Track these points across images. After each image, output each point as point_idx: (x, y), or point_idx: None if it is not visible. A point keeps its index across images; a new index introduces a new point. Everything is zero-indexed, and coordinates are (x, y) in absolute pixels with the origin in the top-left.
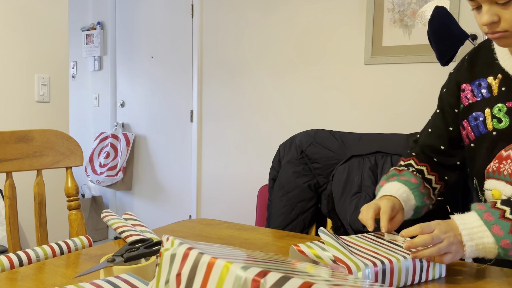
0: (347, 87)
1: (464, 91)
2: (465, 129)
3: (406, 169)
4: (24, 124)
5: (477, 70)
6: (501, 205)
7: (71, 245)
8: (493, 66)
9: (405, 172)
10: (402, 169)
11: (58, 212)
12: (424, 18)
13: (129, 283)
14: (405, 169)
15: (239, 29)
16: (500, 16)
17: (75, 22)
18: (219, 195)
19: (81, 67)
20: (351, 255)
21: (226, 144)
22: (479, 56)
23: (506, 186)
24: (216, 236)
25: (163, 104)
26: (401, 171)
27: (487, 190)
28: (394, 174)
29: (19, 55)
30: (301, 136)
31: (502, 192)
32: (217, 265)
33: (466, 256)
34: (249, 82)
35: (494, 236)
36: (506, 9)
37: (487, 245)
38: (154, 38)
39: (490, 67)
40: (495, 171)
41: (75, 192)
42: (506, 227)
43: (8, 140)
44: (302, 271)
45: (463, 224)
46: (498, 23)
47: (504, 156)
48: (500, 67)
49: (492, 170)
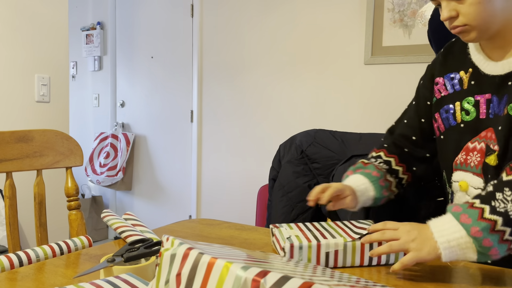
0: (347, 87)
1: (437, 84)
2: (436, 121)
3: (371, 163)
4: (24, 124)
5: (450, 63)
6: (480, 204)
7: (71, 245)
8: (465, 60)
9: (369, 165)
10: (367, 162)
11: (58, 212)
12: (424, 18)
13: (129, 283)
14: (370, 163)
15: (239, 29)
16: (458, 11)
17: (75, 22)
18: (219, 195)
19: (81, 67)
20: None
21: (226, 144)
22: (453, 50)
23: (473, 178)
24: (216, 236)
25: (163, 104)
26: (366, 164)
27: (455, 182)
28: (360, 167)
29: (19, 55)
30: (301, 136)
31: (469, 183)
32: (217, 265)
33: (444, 257)
34: (249, 82)
35: (463, 225)
36: (462, 4)
37: (461, 240)
38: (154, 38)
39: (462, 61)
40: (462, 163)
41: (75, 192)
42: (474, 214)
43: (8, 140)
44: (302, 271)
45: (434, 222)
46: (457, 18)
47: (471, 148)
48: (471, 61)
49: (460, 162)
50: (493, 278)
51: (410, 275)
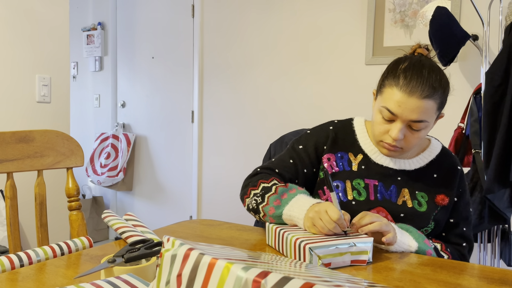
0: (348, 87)
1: (330, 160)
2: (325, 194)
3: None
4: (25, 124)
5: (340, 143)
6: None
7: (71, 245)
8: (354, 144)
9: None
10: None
11: (58, 212)
12: (425, 19)
13: (129, 284)
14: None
15: (240, 29)
16: (406, 136)
17: (76, 22)
18: (220, 196)
19: (82, 68)
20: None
21: (227, 145)
22: (342, 131)
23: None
24: (217, 237)
25: (163, 104)
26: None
27: None
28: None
29: (20, 55)
30: (291, 135)
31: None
32: (218, 266)
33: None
34: (250, 83)
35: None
36: (413, 134)
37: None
38: (155, 39)
39: (351, 144)
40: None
41: (75, 193)
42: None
43: (9, 140)
44: (302, 271)
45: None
46: (400, 140)
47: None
48: (360, 148)
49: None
50: (494, 279)
51: (411, 275)
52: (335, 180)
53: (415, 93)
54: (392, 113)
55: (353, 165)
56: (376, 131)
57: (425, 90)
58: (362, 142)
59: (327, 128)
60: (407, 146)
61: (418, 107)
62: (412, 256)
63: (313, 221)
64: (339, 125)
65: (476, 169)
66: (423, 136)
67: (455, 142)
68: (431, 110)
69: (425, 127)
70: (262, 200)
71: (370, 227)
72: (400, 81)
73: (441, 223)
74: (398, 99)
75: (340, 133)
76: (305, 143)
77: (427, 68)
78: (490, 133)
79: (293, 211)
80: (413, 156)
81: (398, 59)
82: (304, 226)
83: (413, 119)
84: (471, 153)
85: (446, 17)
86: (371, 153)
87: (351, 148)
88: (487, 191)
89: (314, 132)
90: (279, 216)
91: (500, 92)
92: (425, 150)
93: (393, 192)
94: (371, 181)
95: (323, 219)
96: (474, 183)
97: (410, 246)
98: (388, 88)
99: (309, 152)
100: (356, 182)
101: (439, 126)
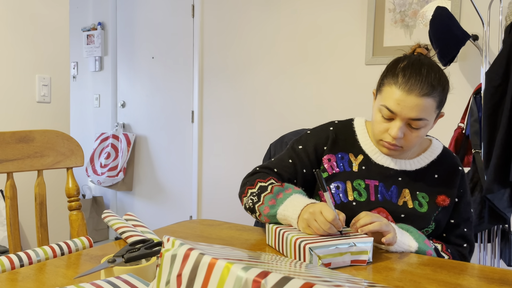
0: (348, 87)
1: (330, 161)
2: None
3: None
4: (25, 124)
5: (340, 144)
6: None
7: (71, 245)
8: (354, 145)
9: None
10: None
11: (58, 212)
12: (425, 19)
13: (129, 284)
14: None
15: (240, 29)
16: (405, 135)
17: (76, 22)
18: (220, 196)
19: (82, 68)
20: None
21: (227, 145)
22: (343, 131)
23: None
24: (217, 237)
25: (163, 104)
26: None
27: None
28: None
29: (20, 55)
30: (290, 135)
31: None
32: (218, 266)
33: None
34: (250, 82)
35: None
36: (413, 132)
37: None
38: (155, 39)
39: (352, 145)
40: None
41: (75, 193)
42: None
43: (9, 140)
44: (302, 271)
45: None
46: (400, 139)
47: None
48: (361, 148)
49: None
50: (494, 279)
51: (411, 275)
52: (336, 181)
53: (414, 91)
54: (391, 111)
55: (354, 166)
56: (376, 130)
57: (424, 88)
58: (362, 142)
59: (327, 129)
60: (407, 145)
61: (417, 105)
62: (412, 256)
63: (308, 222)
64: (339, 126)
65: (476, 169)
66: (423, 135)
67: (455, 142)
68: (430, 108)
69: (424, 125)
70: (258, 199)
71: (370, 227)
72: (399, 79)
73: (441, 223)
74: (397, 97)
75: (341, 134)
76: (304, 144)
77: (426, 66)
78: (490, 133)
79: (288, 211)
80: (414, 157)
81: (397, 58)
82: (299, 227)
83: (412, 117)
84: (471, 153)
85: (446, 17)
86: (371, 154)
87: (352, 148)
88: (487, 191)
89: (314, 133)
90: (274, 216)
91: (500, 92)
92: (426, 151)
93: (394, 193)
94: (371, 181)
95: (318, 220)
96: (474, 183)
97: (410, 246)
98: (387, 87)
99: (309, 152)
100: (357, 182)
101: (439, 126)
